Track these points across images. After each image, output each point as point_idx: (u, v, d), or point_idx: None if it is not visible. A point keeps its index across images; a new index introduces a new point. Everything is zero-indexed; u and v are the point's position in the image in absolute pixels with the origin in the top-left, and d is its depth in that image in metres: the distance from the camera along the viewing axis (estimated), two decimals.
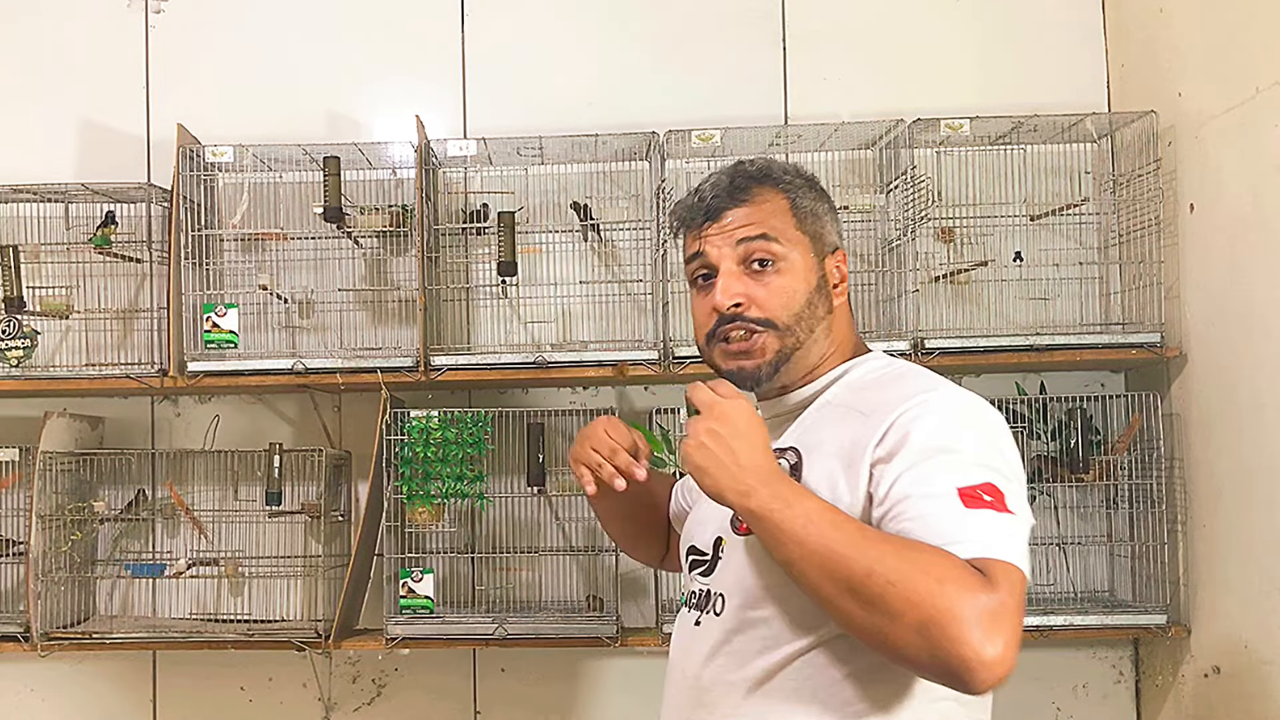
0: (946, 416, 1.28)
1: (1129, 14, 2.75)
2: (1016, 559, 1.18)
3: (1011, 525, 1.21)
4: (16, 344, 2.66)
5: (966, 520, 1.19)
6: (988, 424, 1.31)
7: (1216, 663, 2.39)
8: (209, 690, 2.86)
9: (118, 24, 2.91)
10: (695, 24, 2.88)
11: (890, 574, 1.15)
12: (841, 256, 1.47)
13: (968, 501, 1.20)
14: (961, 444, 1.25)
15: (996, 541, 1.18)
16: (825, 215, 1.47)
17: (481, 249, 2.79)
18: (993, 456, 1.26)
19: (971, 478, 1.22)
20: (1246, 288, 2.25)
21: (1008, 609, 1.13)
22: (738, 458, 1.26)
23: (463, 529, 2.77)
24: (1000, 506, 1.20)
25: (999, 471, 1.24)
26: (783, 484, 1.25)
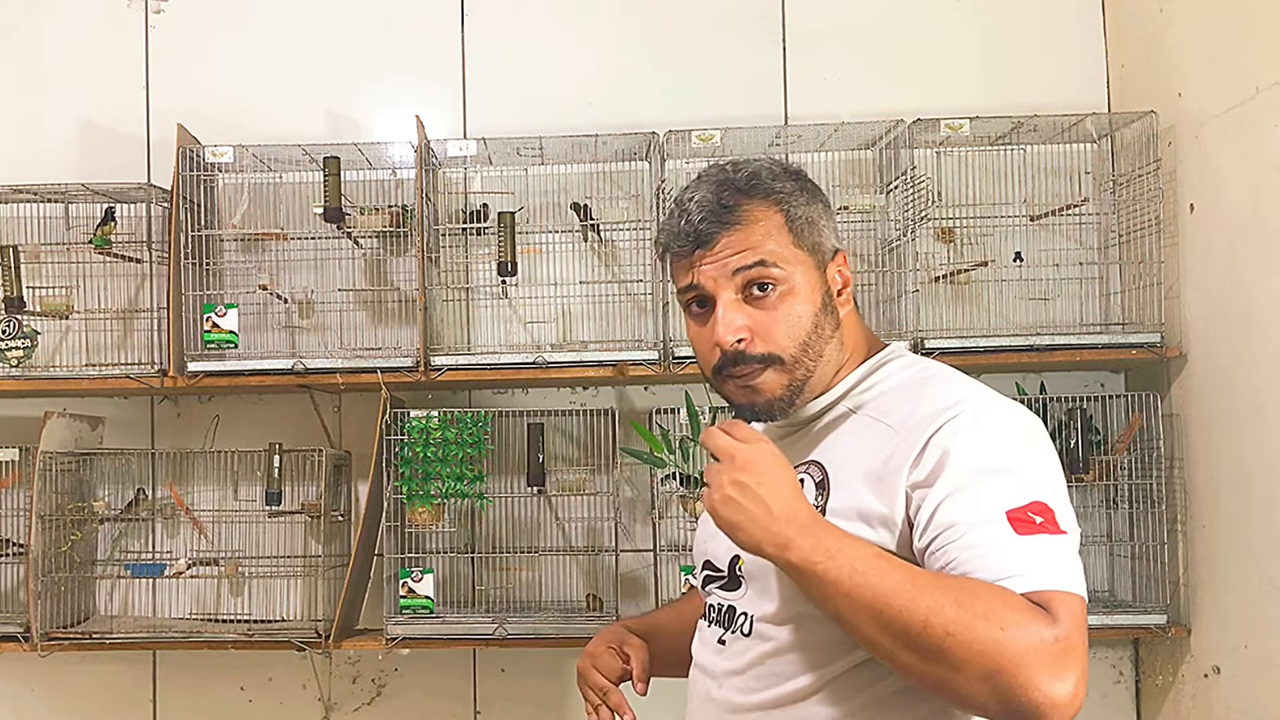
0: (986, 430, 1.22)
1: (1129, 14, 2.75)
2: (1075, 585, 1.14)
3: (1065, 547, 1.16)
4: (16, 344, 2.66)
5: (1020, 550, 1.14)
6: (1028, 432, 1.25)
7: (1216, 663, 2.39)
8: (209, 690, 2.86)
9: (118, 24, 2.91)
10: (695, 24, 2.88)
11: (949, 624, 1.10)
12: (842, 259, 1.37)
13: (1019, 527, 1.15)
14: (1005, 460, 1.20)
15: (1053, 570, 1.13)
16: (821, 219, 1.35)
17: (481, 249, 2.79)
18: (1038, 469, 1.21)
19: (1019, 498, 1.16)
20: (1246, 288, 2.25)
21: (1073, 645, 1.10)
22: (770, 508, 1.18)
23: (463, 529, 2.77)
24: (1052, 527, 1.16)
25: (1046, 485, 1.20)
26: (822, 532, 1.18)
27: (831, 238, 1.37)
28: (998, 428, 1.24)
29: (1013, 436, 1.24)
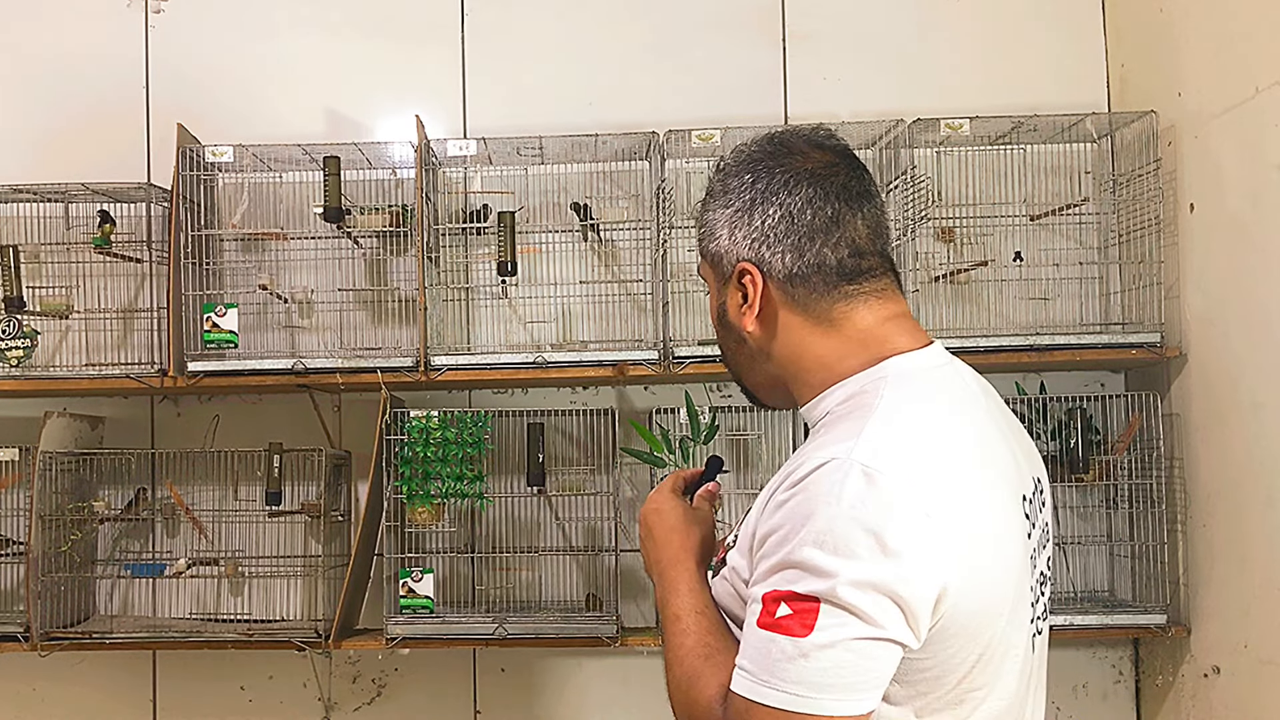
0: (809, 496, 1.10)
1: (1129, 14, 2.75)
2: (769, 697, 1.07)
3: (793, 653, 1.06)
4: (16, 344, 2.66)
5: (752, 641, 1.10)
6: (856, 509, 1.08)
7: (1216, 663, 2.39)
8: (209, 690, 2.86)
9: (118, 24, 2.91)
10: (695, 24, 2.88)
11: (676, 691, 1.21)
12: (740, 272, 1.24)
13: (764, 616, 1.09)
14: (798, 533, 1.09)
15: (758, 672, 1.09)
16: (723, 228, 1.27)
17: (481, 249, 2.79)
18: (832, 556, 1.06)
19: (783, 581, 1.09)
20: (1246, 288, 2.25)
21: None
22: (647, 554, 1.37)
23: (463, 529, 2.77)
24: (795, 627, 1.07)
25: (825, 578, 1.06)
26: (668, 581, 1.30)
27: (735, 246, 1.25)
28: (815, 493, 1.10)
29: (829, 512, 1.08)
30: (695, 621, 1.23)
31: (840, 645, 1.06)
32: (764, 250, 1.23)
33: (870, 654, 1.07)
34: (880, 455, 1.10)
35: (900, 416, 1.15)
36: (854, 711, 1.07)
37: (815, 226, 1.22)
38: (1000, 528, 1.17)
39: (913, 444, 1.13)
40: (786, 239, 1.22)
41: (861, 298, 1.23)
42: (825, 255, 1.22)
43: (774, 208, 1.23)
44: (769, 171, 1.25)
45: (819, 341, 1.23)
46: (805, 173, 1.23)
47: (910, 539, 1.07)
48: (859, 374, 1.21)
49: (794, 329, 1.24)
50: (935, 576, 1.08)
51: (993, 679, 1.18)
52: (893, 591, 1.06)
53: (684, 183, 2.76)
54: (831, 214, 1.22)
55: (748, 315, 1.25)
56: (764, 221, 1.23)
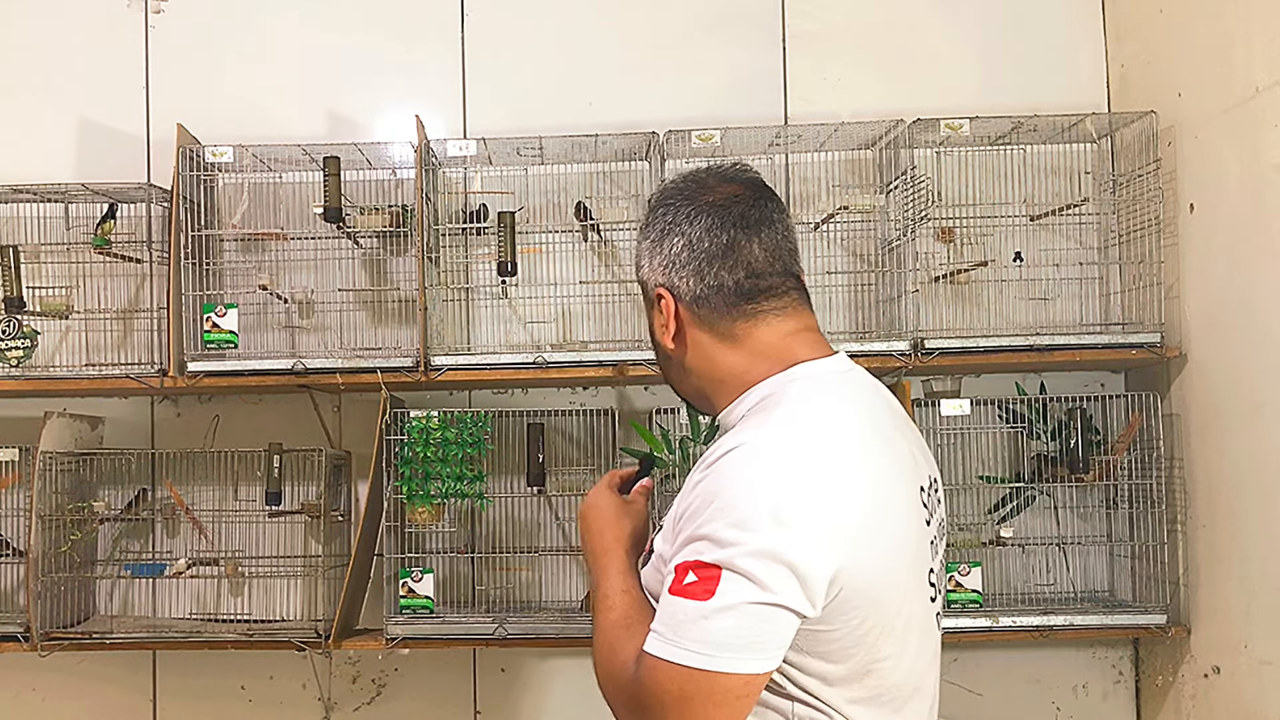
0: (718, 475, 1.23)
1: (1129, 14, 2.75)
2: (673, 654, 1.19)
3: (695, 615, 1.18)
4: (16, 344, 2.66)
5: (664, 606, 1.22)
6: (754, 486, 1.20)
7: (1216, 663, 2.39)
8: (209, 690, 2.86)
9: (118, 24, 2.91)
10: (695, 24, 2.88)
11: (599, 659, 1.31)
12: (657, 296, 1.38)
13: (674, 583, 1.21)
14: (706, 509, 1.21)
15: (665, 633, 1.20)
16: (643, 258, 1.41)
17: (481, 249, 2.79)
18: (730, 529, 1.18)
19: (691, 553, 1.20)
20: (1246, 288, 2.25)
21: (646, 704, 1.21)
22: (585, 545, 1.49)
23: (463, 529, 2.77)
24: (699, 592, 1.18)
25: (726, 548, 1.17)
26: (599, 569, 1.42)
27: (652, 274, 1.40)
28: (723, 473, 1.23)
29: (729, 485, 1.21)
30: (620, 600, 1.35)
31: (738, 609, 1.17)
32: (672, 275, 1.37)
33: (765, 618, 1.18)
34: (781, 440, 1.23)
35: (804, 409, 1.28)
36: (750, 670, 1.18)
37: (712, 253, 1.35)
38: (896, 510, 1.28)
39: (813, 431, 1.25)
40: (689, 265, 1.36)
41: (761, 315, 1.36)
42: (723, 278, 1.35)
43: (678, 237, 1.37)
44: (677, 205, 1.39)
45: (726, 355, 1.37)
46: (707, 204, 1.37)
47: (805, 515, 1.19)
48: (765, 380, 1.34)
49: (704, 345, 1.38)
50: (830, 549, 1.19)
51: (898, 650, 1.29)
52: (788, 561, 1.17)
53: None
54: (727, 241, 1.35)
55: (665, 334, 1.39)
56: (670, 249, 1.37)
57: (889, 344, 2.48)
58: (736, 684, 1.19)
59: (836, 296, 2.74)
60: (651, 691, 1.20)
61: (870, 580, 1.23)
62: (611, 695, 1.29)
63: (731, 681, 1.18)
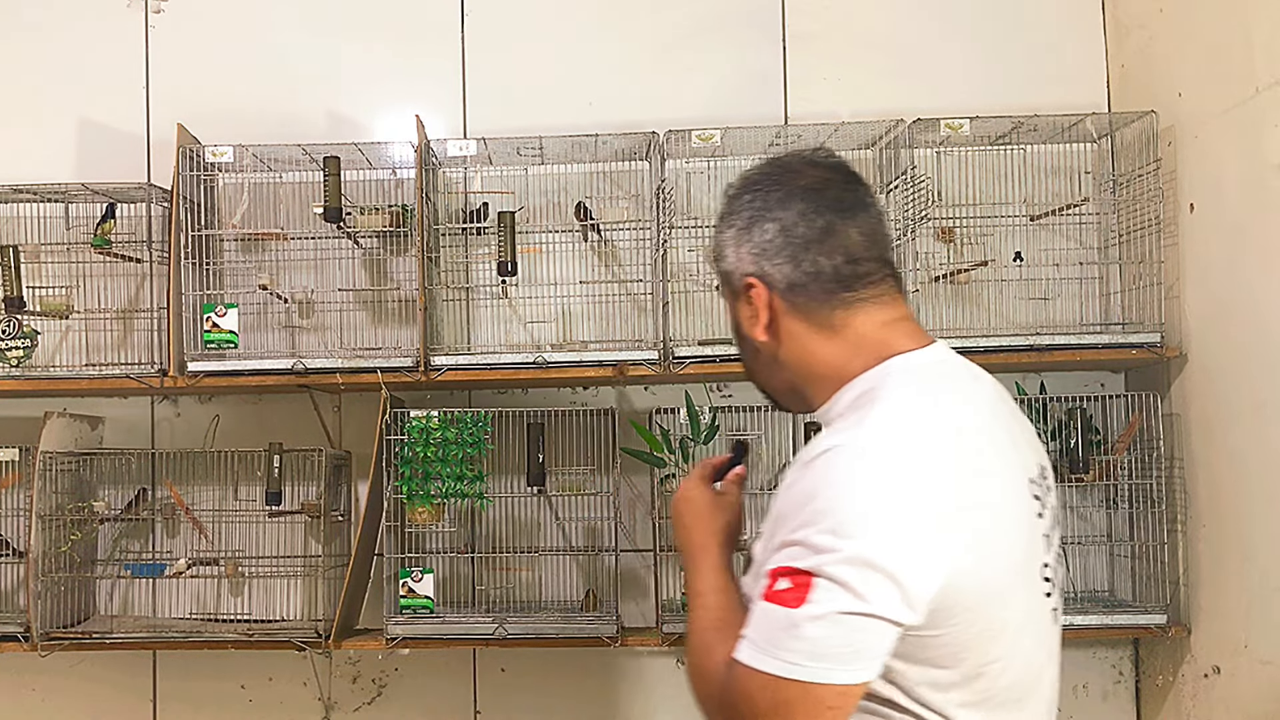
0: (813, 477, 1.19)
1: (1129, 14, 2.75)
2: (766, 664, 1.15)
3: (787, 624, 1.14)
4: (16, 344, 2.66)
5: (755, 612, 1.19)
6: (858, 490, 1.15)
7: (1216, 663, 2.39)
8: (209, 690, 2.86)
9: (118, 24, 2.91)
10: (695, 24, 2.88)
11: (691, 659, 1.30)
12: (746, 286, 1.32)
13: (767, 588, 1.17)
14: (799, 513, 1.17)
15: (757, 640, 1.17)
16: (728, 248, 1.34)
17: (481, 249, 2.79)
18: (824, 536, 1.14)
19: (784, 558, 1.16)
20: (1246, 288, 2.25)
21: (740, 712, 1.18)
22: (678, 539, 1.45)
23: (463, 529, 2.77)
24: (791, 599, 1.14)
25: (820, 555, 1.13)
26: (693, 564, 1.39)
27: (740, 263, 1.33)
28: (819, 476, 1.18)
29: (825, 488, 1.17)
30: (714, 599, 1.32)
31: (829, 618, 1.12)
32: (764, 264, 1.31)
33: (859, 628, 1.13)
34: (880, 441, 1.18)
35: (902, 406, 1.22)
36: (842, 681, 1.13)
37: (809, 238, 1.29)
38: (1003, 505, 1.22)
39: (912, 430, 1.20)
40: (784, 251, 1.30)
41: (860, 304, 1.30)
42: (821, 264, 1.29)
43: (770, 223, 1.31)
44: (766, 190, 1.33)
45: (823, 346, 1.30)
46: (799, 189, 1.31)
47: (905, 519, 1.14)
48: (865, 374, 1.27)
49: (799, 336, 1.31)
50: (932, 554, 1.14)
51: (1009, 651, 1.23)
52: (886, 569, 1.12)
53: (684, 183, 2.76)
54: (824, 225, 1.29)
55: (756, 326, 1.33)
56: (761, 236, 1.31)
57: None
58: (829, 695, 1.14)
59: None
60: (743, 699, 1.17)
61: (978, 582, 1.18)
62: (702, 696, 1.26)
63: (824, 692, 1.14)
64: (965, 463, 1.20)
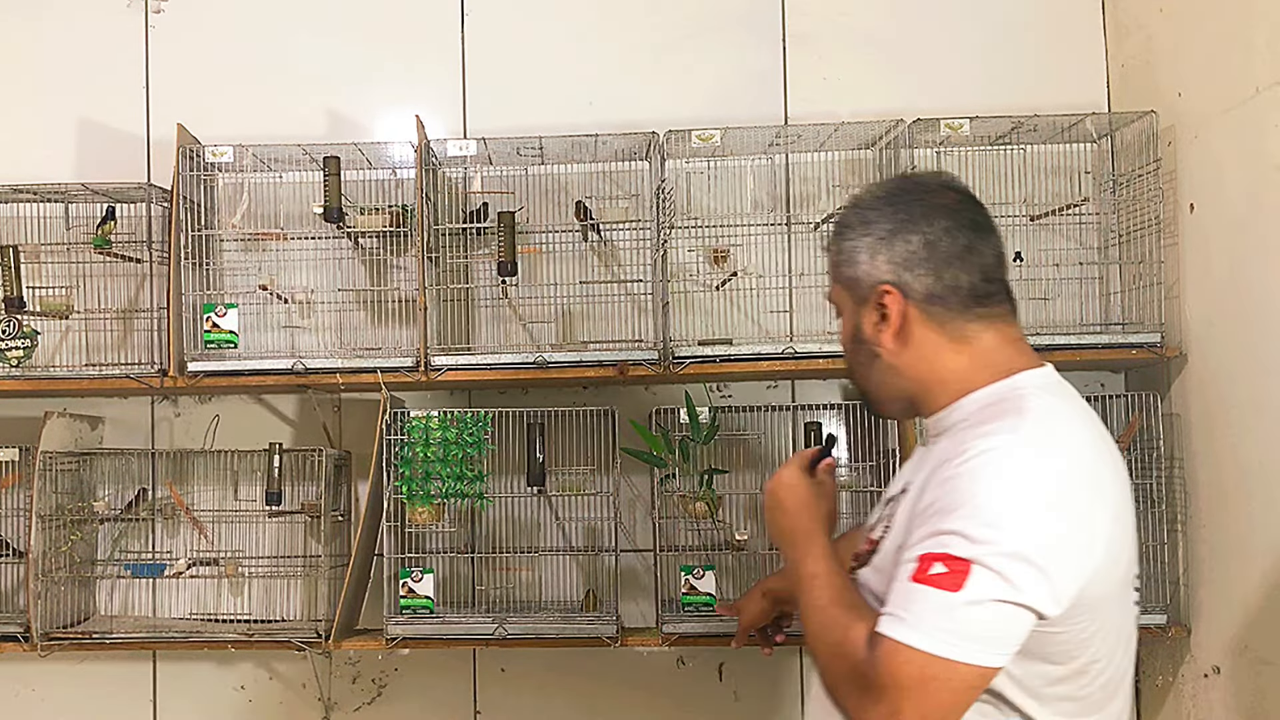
0: (972, 472, 1.28)
1: (1129, 14, 2.75)
2: (916, 640, 1.23)
3: (942, 605, 1.23)
4: (16, 344, 2.66)
5: (902, 592, 1.27)
6: (1012, 487, 1.26)
7: (1216, 663, 2.39)
8: (209, 690, 2.86)
9: (118, 24, 2.91)
10: (695, 24, 2.88)
11: (820, 635, 1.36)
12: (882, 292, 1.41)
13: (918, 571, 1.26)
14: (960, 505, 1.26)
15: (907, 618, 1.25)
16: (862, 255, 1.43)
17: (481, 249, 2.79)
18: (985, 527, 1.24)
19: (940, 545, 1.25)
20: (1246, 288, 2.25)
21: (883, 685, 1.24)
22: (777, 525, 1.54)
23: (463, 529, 2.77)
24: (948, 583, 1.23)
25: (979, 545, 1.23)
26: (801, 549, 1.47)
27: (876, 272, 1.42)
28: (979, 472, 1.28)
29: (986, 484, 1.27)
30: (834, 580, 1.41)
31: (985, 605, 1.22)
32: (904, 273, 1.41)
33: (1010, 616, 1.23)
34: (1036, 446, 1.30)
35: (1050, 416, 1.34)
36: (988, 664, 1.24)
37: (951, 253, 1.41)
38: (1125, 515, 1.37)
39: (1063, 438, 1.33)
40: (927, 263, 1.41)
41: (988, 320, 1.42)
42: (960, 279, 1.41)
43: (915, 235, 1.41)
44: (908, 205, 1.43)
45: (952, 357, 1.41)
46: (941, 207, 1.43)
47: (1059, 519, 1.26)
48: (990, 386, 1.39)
49: (929, 345, 1.42)
50: (1081, 554, 1.27)
51: (1109, 652, 1.35)
52: (1040, 564, 1.23)
53: (684, 183, 2.76)
54: (965, 243, 1.42)
55: (885, 333, 1.42)
56: (904, 247, 1.41)
57: None
58: (972, 675, 1.23)
59: None
60: (889, 673, 1.24)
61: (1106, 585, 1.30)
62: (837, 673, 1.32)
63: (969, 673, 1.22)
64: (1103, 472, 1.34)
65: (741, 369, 2.54)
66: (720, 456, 2.69)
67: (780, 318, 2.74)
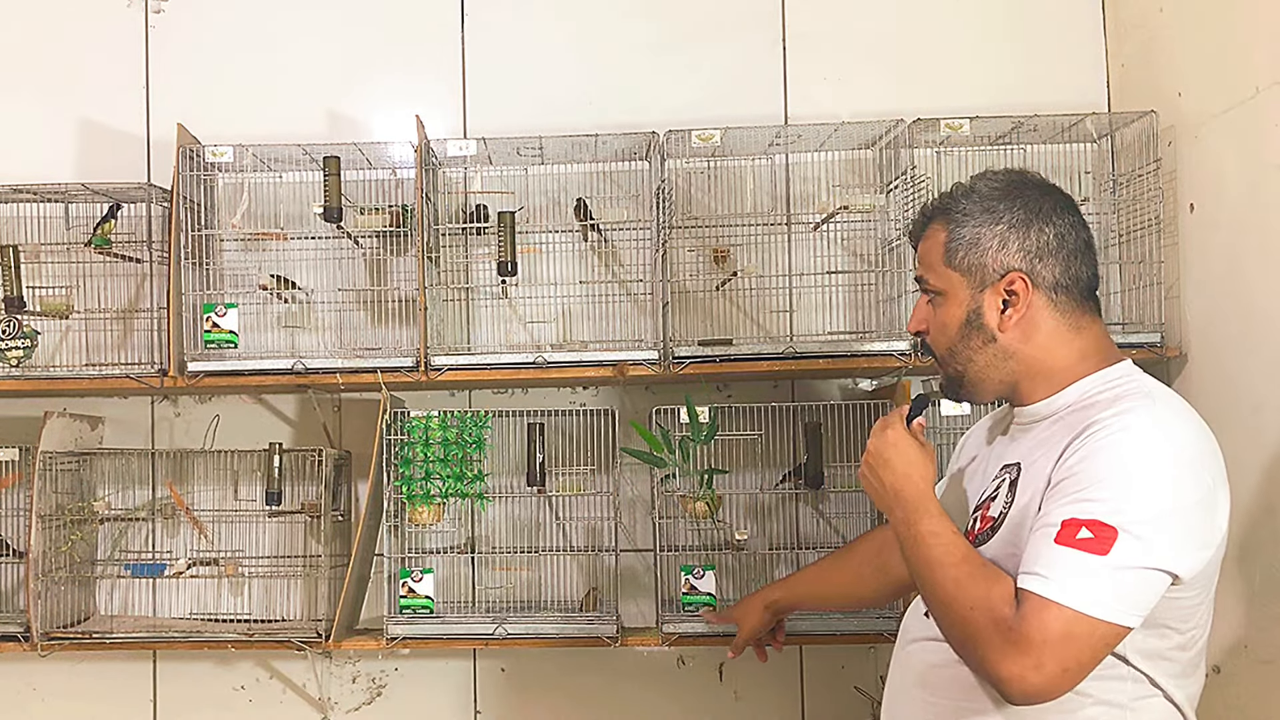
0: (1114, 444, 1.36)
1: (1129, 14, 2.75)
2: (1065, 598, 1.29)
3: (1093, 567, 1.30)
4: (16, 344, 2.66)
5: (1047, 555, 1.32)
6: (1154, 459, 1.35)
7: (1216, 663, 2.38)
8: (209, 690, 2.86)
9: (118, 24, 2.91)
10: (695, 24, 2.88)
11: (950, 593, 1.39)
12: (1011, 280, 1.49)
13: (1062, 534, 1.32)
14: (1105, 475, 1.34)
15: (1056, 579, 1.30)
16: (990, 241, 1.50)
17: (481, 249, 2.79)
18: (1130, 494, 1.32)
19: (1084, 511, 1.32)
20: (1246, 288, 2.25)
21: (1026, 639, 1.30)
22: (883, 483, 1.55)
23: (463, 529, 2.77)
24: (1095, 547, 1.30)
25: (1126, 510, 1.31)
26: (914, 507, 1.49)
27: (1004, 259, 1.49)
28: (1131, 444, 1.36)
29: (1129, 455, 1.35)
30: (957, 539, 1.44)
31: (1131, 569, 1.30)
32: (1036, 262, 1.49)
33: (1150, 581, 1.32)
34: (1177, 424, 1.39)
35: (1172, 397, 1.45)
36: (1126, 624, 1.31)
37: (1078, 246, 1.51)
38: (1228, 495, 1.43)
39: (1194, 419, 1.42)
40: (1058, 254, 1.49)
41: (1095, 312, 1.53)
42: (1082, 271, 1.51)
43: (1049, 226, 1.49)
44: (1037, 198, 1.51)
45: (1067, 345, 1.50)
46: (1066, 203, 1.53)
47: (1199, 492, 1.35)
48: (1097, 373, 1.48)
49: (1049, 332, 1.50)
50: (1213, 525, 1.37)
51: (1209, 620, 1.46)
52: (1180, 530, 1.32)
53: (684, 183, 2.76)
54: (1087, 239, 1.52)
55: (1010, 318, 1.49)
56: (1038, 237, 1.49)
57: (889, 344, 2.48)
58: (1110, 634, 1.31)
59: (836, 296, 2.74)
60: (1036, 628, 1.29)
61: (1218, 557, 1.41)
62: (976, 626, 1.34)
63: (1108, 631, 1.30)
64: (1217, 448, 1.42)
65: (741, 369, 2.54)
66: (720, 456, 2.69)
67: (780, 318, 2.74)
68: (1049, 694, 1.31)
